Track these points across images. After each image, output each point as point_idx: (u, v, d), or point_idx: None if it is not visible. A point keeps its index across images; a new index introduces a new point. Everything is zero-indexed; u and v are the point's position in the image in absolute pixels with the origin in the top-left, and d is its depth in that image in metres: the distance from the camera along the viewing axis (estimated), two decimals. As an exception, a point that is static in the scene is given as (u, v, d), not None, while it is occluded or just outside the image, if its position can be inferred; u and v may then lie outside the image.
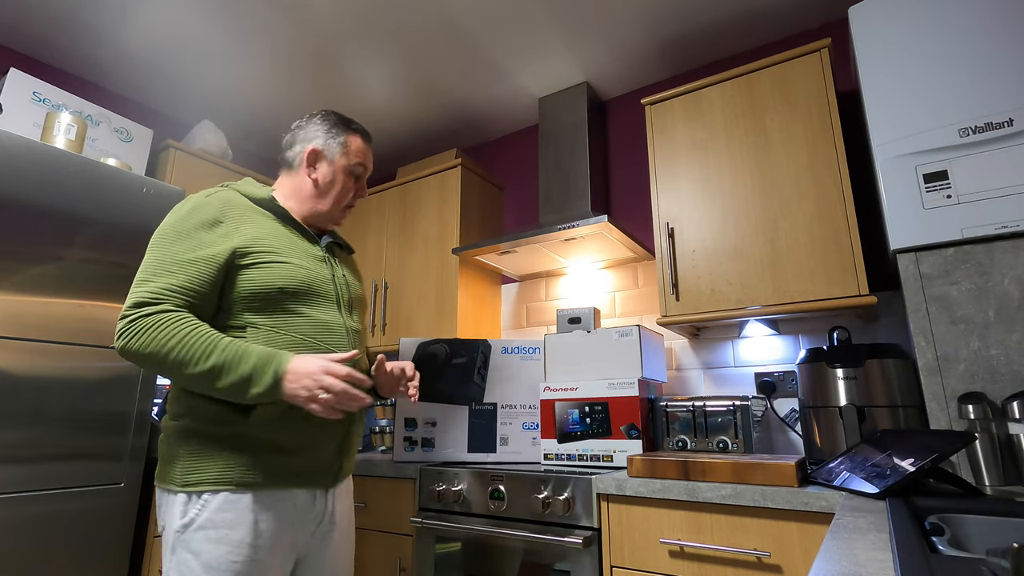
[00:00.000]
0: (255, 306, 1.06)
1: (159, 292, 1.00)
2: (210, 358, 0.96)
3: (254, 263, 1.07)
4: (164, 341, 0.96)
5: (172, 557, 0.97)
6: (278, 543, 1.02)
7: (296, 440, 1.06)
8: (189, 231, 1.05)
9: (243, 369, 0.97)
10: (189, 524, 0.97)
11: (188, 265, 1.02)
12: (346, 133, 1.26)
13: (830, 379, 1.45)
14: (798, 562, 1.11)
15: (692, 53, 2.13)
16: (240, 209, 1.12)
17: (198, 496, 0.99)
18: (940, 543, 0.60)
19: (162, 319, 0.97)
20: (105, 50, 2.14)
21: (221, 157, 2.41)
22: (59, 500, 1.49)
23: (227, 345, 0.98)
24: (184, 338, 0.97)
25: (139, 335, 0.97)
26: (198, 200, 1.10)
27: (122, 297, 1.69)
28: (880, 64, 1.36)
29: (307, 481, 1.08)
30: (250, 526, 0.99)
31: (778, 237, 1.59)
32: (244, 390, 0.97)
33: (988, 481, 1.08)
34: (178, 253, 1.03)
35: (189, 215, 1.07)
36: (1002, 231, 1.16)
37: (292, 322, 1.08)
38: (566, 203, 2.17)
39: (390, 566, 1.68)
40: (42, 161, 1.58)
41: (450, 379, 1.83)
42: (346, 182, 1.25)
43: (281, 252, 1.11)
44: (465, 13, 1.92)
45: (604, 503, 1.36)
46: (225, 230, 1.07)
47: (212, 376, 0.96)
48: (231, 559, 0.96)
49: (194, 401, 1.03)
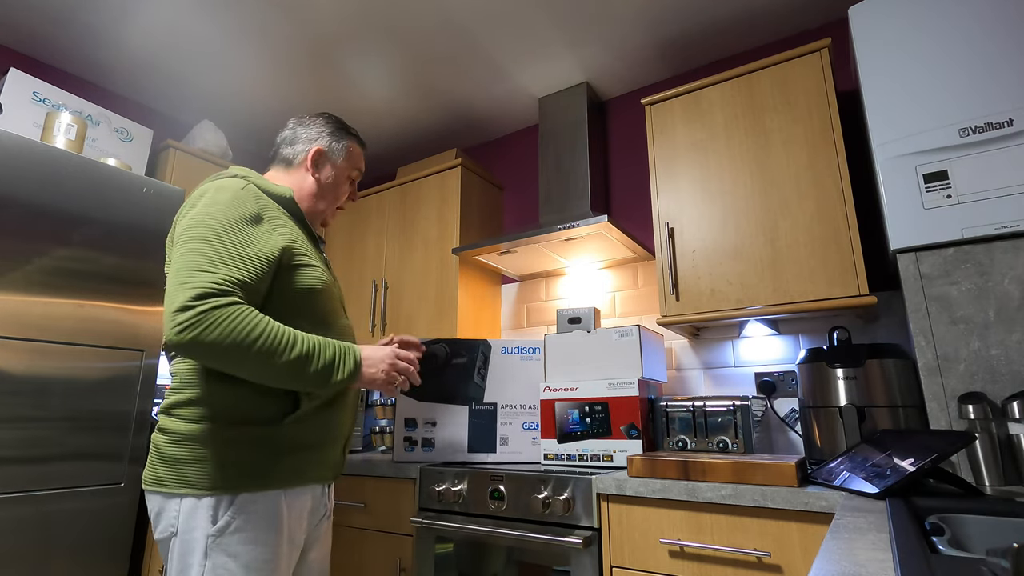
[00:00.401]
0: (300, 307, 1.09)
1: (224, 283, 0.96)
2: (295, 347, 0.99)
3: (300, 264, 1.10)
4: (247, 332, 0.94)
5: (205, 562, 0.95)
6: (295, 535, 1.07)
7: (318, 438, 1.11)
8: (237, 223, 1.02)
9: (327, 357, 1.03)
10: (225, 527, 0.96)
11: (246, 260, 1.00)
12: (348, 138, 1.31)
13: (830, 379, 1.45)
14: (798, 562, 1.11)
15: (692, 53, 2.13)
16: (270, 207, 1.12)
17: (232, 499, 0.97)
18: (940, 543, 0.60)
19: (239, 311, 0.95)
20: (105, 50, 2.14)
21: (221, 157, 2.41)
22: (59, 500, 1.49)
23: (306, 336, 1.03)
24: (266, 329, 0.97)
25: (215, 326, 0.92)
26: (235, 191, 1.07)
27: (122, 297, 1.69)
28: (880, 64, 1.36)
29: (323, 476, 1.13)
30: (283, 523, 1.02)
31: (778, 237, 1.59)
32: (329, 376, 1.02)
33: (988, 481, 1.08)
34: (232, 246, 1.00)
35: (231, 206, 1.04)
36: (1002, 231, 1.16)
37: (326, 323, 1.14)
38: (566, 203, 2.17)
39: (390, 566, 1.68)
40: (42, 161, 1.58)
41: (450, 379, 1.83)
42: (345, 186, 1.31)
43: (311, 255, 1.15)
44: (465, 13, 1.92)
45: (604, 503, 1.36)
46: (267, 227, 1.07)
47: (301, 363, 0.99)
48: (266, 557, 0.99)
49: (220, 404, 1.01)
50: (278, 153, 1.27)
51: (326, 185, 1.26)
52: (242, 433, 1.01)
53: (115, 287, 1.68)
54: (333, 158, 1.27)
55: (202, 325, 0.91)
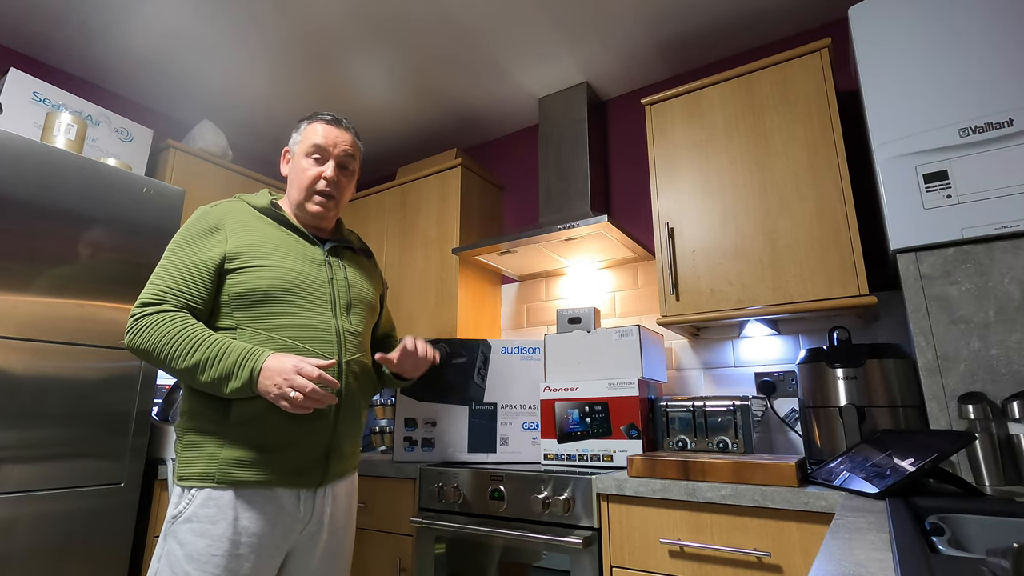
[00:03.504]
0: (243, 308, 1.13)
1: (159, 293, 1.10)
2: (195, 354, 1.04)
3: (242, 267, 1.14)
4: (159, 338, 1.05)
5: (163, 544, 1.05)
6: (262, 541, 1.06)
7: (276, 439, 1.09)
8: (191, 238, 1.15)
9: (223, 365, 1.04)
10: (178, 516, 1.05)
11: (185, 269, 1.12)
12: (307, 123, 1.29)
13: (830, 379, 1.45)
14: (798, 562, 1.11)
15: (692, 53, 2.13)
16: (241, 217, 1.20)
17: (187, 490, 1.06)
18: (940, 543, 0.60)
19: (159, 318, 1.07)
20: (105, 50, 2.14)
21: (221, 157, 2.41)
22: (59, 500, 1.49)
23: (212, 343, 1.06)
24: (175, 336, 1.05)
25: (140, 332, 1.07)
26: (204, 210, 1.20)
27: (122, 297, 1.70)
28: (880, 64, 1.36)
29: (290, 481, 1.10)
30: (231, 522, 1.04)
31: (778, 237, 1.59)
32: (223, 385, 1.04)
33: (988, 481, 1.08)
34: (180, 258, 1.13)
35: (193, 223, 1.18)
36: (1002, 231, 1.16)
37: (275, 323, 1.14)
38: (566, 203, 2.17)
39: (390, 566, 1.68)
40: (42, 161, 1.58)
41: (450, 379, 1.83)
42: (305, 166, 1.25)
43: (271, 256, 1.16)
44: (465, 13, 1.92)
45: (604, 503, 1.36)
46: (221, 237, 1.16)
47: (196, 371, 1.04)
48: (211, 552, 1.02)
49: (193, 400, 1.12)
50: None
51: (291, 176, 1.28)
52: (201, 428, 1.09)
53: (115, 287, 1.69)
54: (292, 149, 1.30)
55: (134, 332, 1.08)
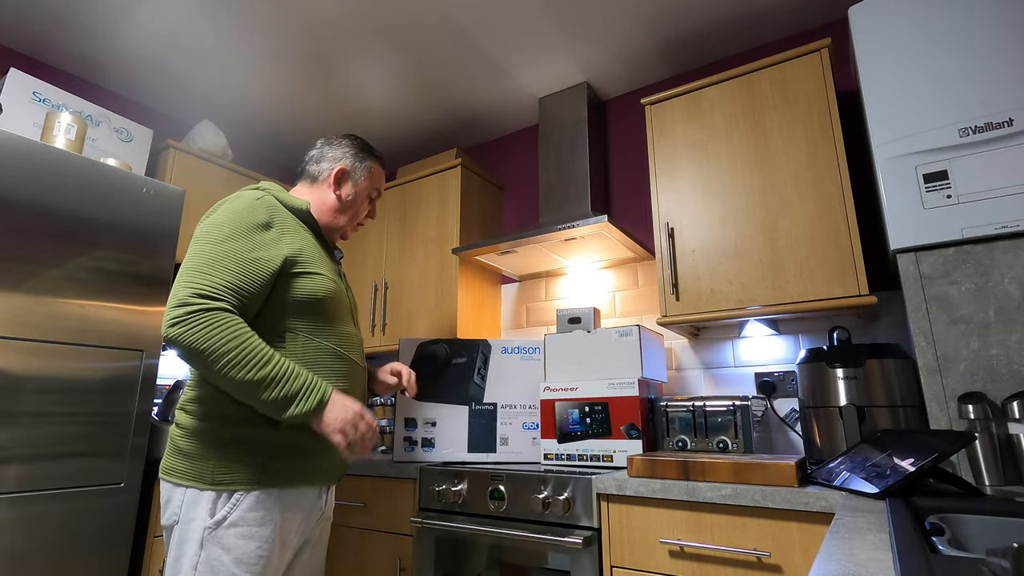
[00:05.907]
0: (298, 313, 1.13)
1: (219, 287, 1.02)
2: (262, 369, 1.00)
3: (303, 272, 1.13)
4: (222, 342, 0.98)
5: (200, 552, 1.01)
6: (294, 536, 1.11)
7: (316, 443, 1.14)
8: (245, 230, 1.09)
9: (290, 387, 1.01)
10: (221, 521, 1.01)
11: (246, 265, 1.06)
12: (371, 159, 1.37)
13: (830, 379, 1.45)
14: (798, 562, 1.11)
15: (692, 53, 2.13)
16: (284, 217, 1.19)
17: (230, 495, 1.03)
18: (940, 543, 0.60)
19: (223, 318, 1.00)
20: (105, 50, 2.14)
21: (221, 157, 2.41)
22: (59, 500, 1.49)
23: (280, 361, 1.03)
24: (241, 344, 1.00)
25: (198, 329, 0.98)
26: (250, 200, 1.14)
27: (122, 297, 1.69)
28: (880, 64, 1.36)
29: (321, 480, 1.16)
30: (277, 523, 1.05)
31: (778, 237, 1.59)
32: (284, 406, 1.01)
33: (988, 481, 1.08)
34: (235, 251, 1.06)
35: (243, 214, 1.11)
36: (1002, 231, 1.16)
37: (324, 331, 1.16)
38: (566, 203, 2.17)
39: (390, 566, 1.68)
40: (42, 161, 1.58)
41: (450, 379, 1.83)
42: (364, 203, 1.37)
43: (319, 264, 1.19)
44: (465, 13, 1.92)
45: (604, 503, 1.36)
46: (274, 235, 1.13)
47: (258, 386, 0.99)
48: (259, 554, 1.02)
49: (224, 404, 1.07)
50: (305, 169, 1.36)
51: (346, 202, 1.33)
52: (242, 433, 1.06)
53: (115, 287, 1.68)
54: (355, 177, 1.34)
55: (188, 324, 0.98)
